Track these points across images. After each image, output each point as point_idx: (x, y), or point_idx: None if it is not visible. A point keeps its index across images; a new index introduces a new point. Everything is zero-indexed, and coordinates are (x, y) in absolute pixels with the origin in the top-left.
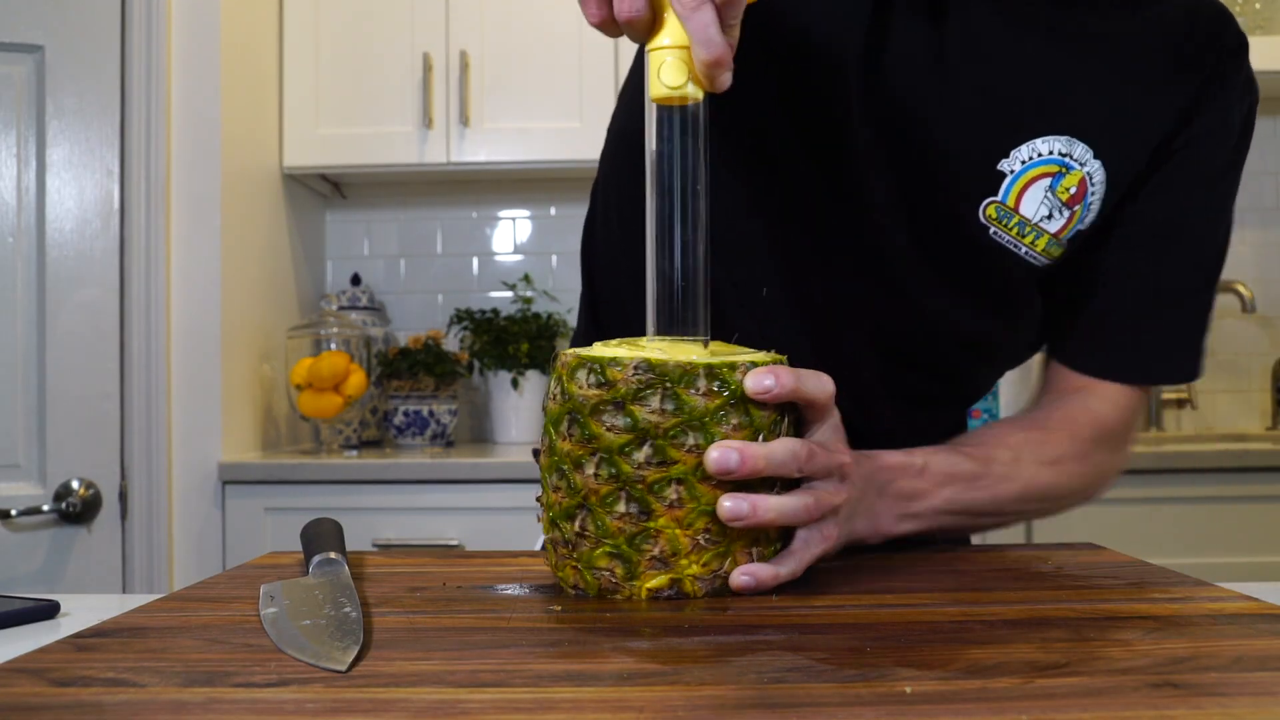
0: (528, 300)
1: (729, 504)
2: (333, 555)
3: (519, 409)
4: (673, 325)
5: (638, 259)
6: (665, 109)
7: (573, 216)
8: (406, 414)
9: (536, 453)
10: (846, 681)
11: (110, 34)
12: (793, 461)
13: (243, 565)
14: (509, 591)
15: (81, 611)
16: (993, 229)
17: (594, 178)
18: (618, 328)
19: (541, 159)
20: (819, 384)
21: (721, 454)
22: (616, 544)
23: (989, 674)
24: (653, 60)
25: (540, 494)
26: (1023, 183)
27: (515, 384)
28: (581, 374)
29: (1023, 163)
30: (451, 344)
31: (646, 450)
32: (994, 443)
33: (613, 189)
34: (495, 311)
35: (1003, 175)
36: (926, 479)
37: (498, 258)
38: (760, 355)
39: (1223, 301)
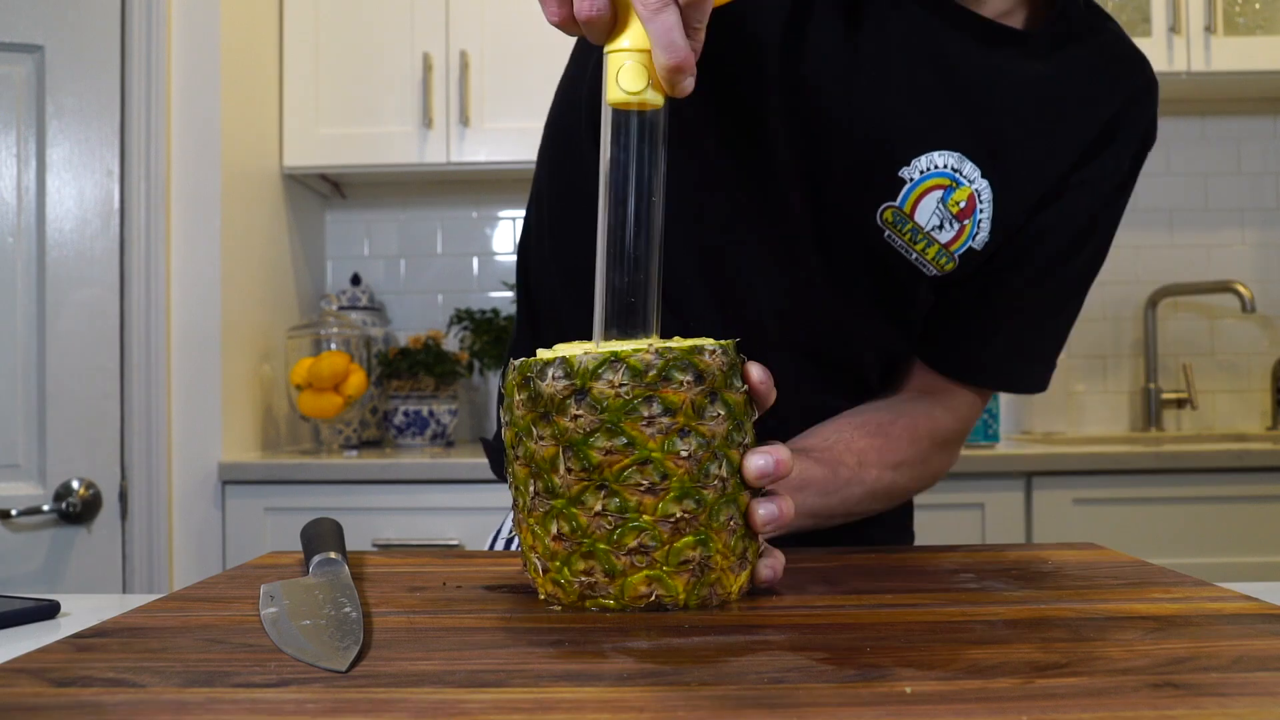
0: None
1: (762, 510)
2: (333, 555)
3: None
4: (622, 333)
5: (570, 265)
6: (622, 114)
7: None
8: (406, 414)
9: (485, 443)
10: (846, 681)
11: (110, 34)
12: (779, 468)
13: (243, 565)
14: (509, 592)
15: (81, 611)
16: (887, 232)
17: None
18: (554, 338)
19: None
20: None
21: (764, 460)
22: (593, 543)
23: (989, 674)
24: (611, 63)
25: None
26: (919, 191)
27: None
28: (550, 370)
29: (921, 172)
30: (451, 344)
31: (609, 438)
32: (841, 448)
33: (544, 191)
34: (495, 311)
35: (903, 182)
36: (783, 487)
37: (498, 258)
38: (709, 342)
39: (1223, 301)
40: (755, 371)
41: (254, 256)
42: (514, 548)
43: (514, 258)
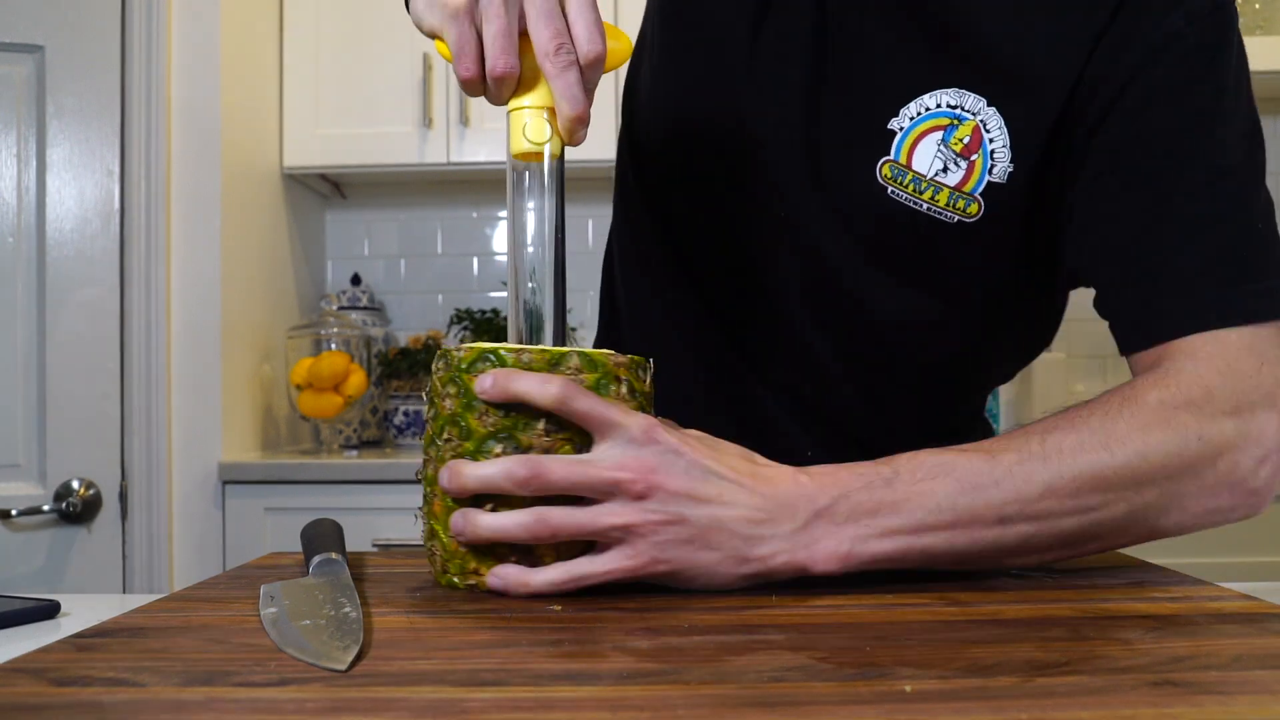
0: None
1: (454, 518)
2: (333, 555)
3: None
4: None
5: (660, 273)
6: (523, 165)
7: (573, 216)
8: (406, 414)
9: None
10: (846, 681)
11: (110, 34)
12: (505, 480)
13: (243, 565)
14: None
15: (81, 611)
16: (890, 189)
17: (592, 177)
18: (637, 339)
19: None
20: (530, 386)
21: (440, 473)
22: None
23: (989, 674)
24: (515, 119)
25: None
26: (913, 138)
27: None
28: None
29: (911, 119)
30: (451, 344)
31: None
32: (1013, 435)
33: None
34: (495, 311)
35: (893, 134)
36: (899, 487)
37: (498, 258)
38: (596, 352)
39: None
40: (476, 382)
41: (254, 256)
42: None
43: None
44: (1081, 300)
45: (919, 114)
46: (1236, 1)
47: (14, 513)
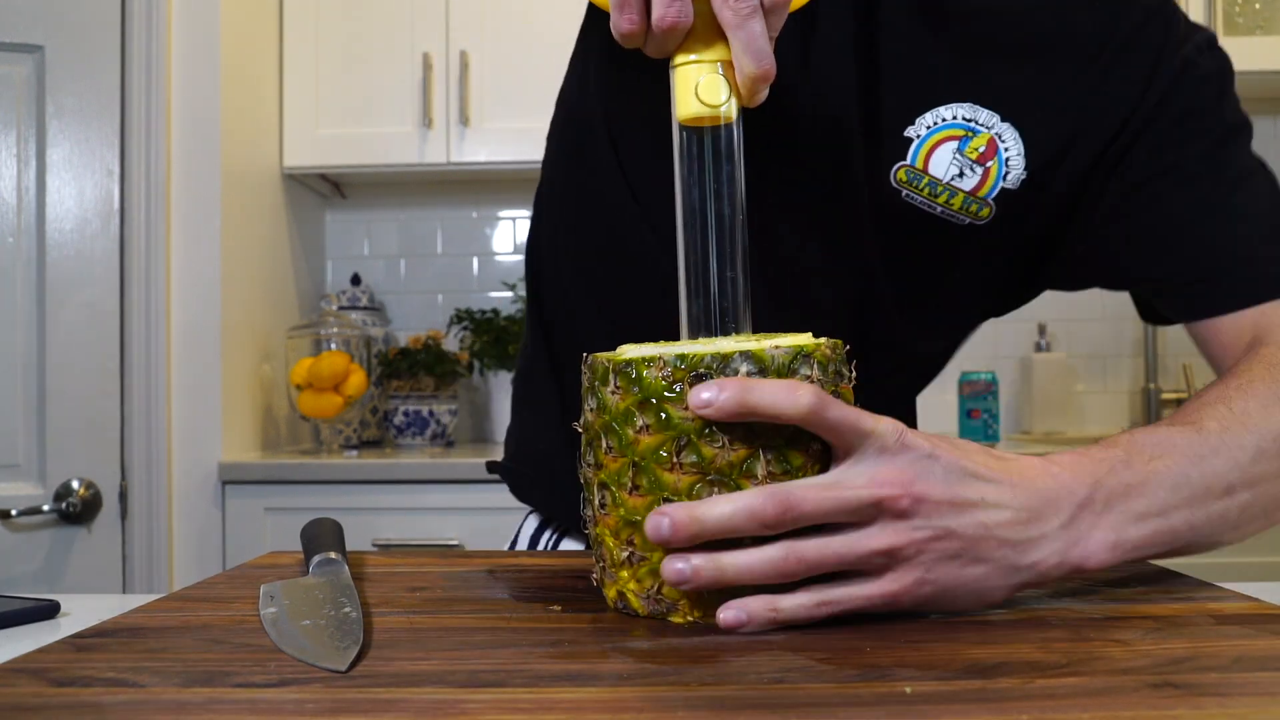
0: None
1: (670, 567)
2: (333, 555)
3: None
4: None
5: (586, 267)
6: (695, 131)
7: None
8: (406, 414)
9: (491, 465)
10: (846, 681)
11: (110, 34)
12: (746, 522)
13: (243, 565)
14: (509, 591)
15: (81, 611)
16: (905, 192)
17: None
18: (565, 341)
19: (541, 159)
20: (777, 397)
21: (653, 521)
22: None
23: (989, 674)
24: (685, 76)
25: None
26: (929, 145)
27: None
28: (649, 371)
29: (928, 128)
30: (451, 344)
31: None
32: (1190, 409)
33: (556, 193)
34: (495, 311)
35: (909, 141)
36: (1137, 467)
37: (498, 258)
38: (799, 339)
39: None
40: (691, 395)
41: (254, 256)
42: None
43: (514, 258)
44: (1082, 300)
45: (935, 124)
46: (1237, 2)
47: (14, 513)
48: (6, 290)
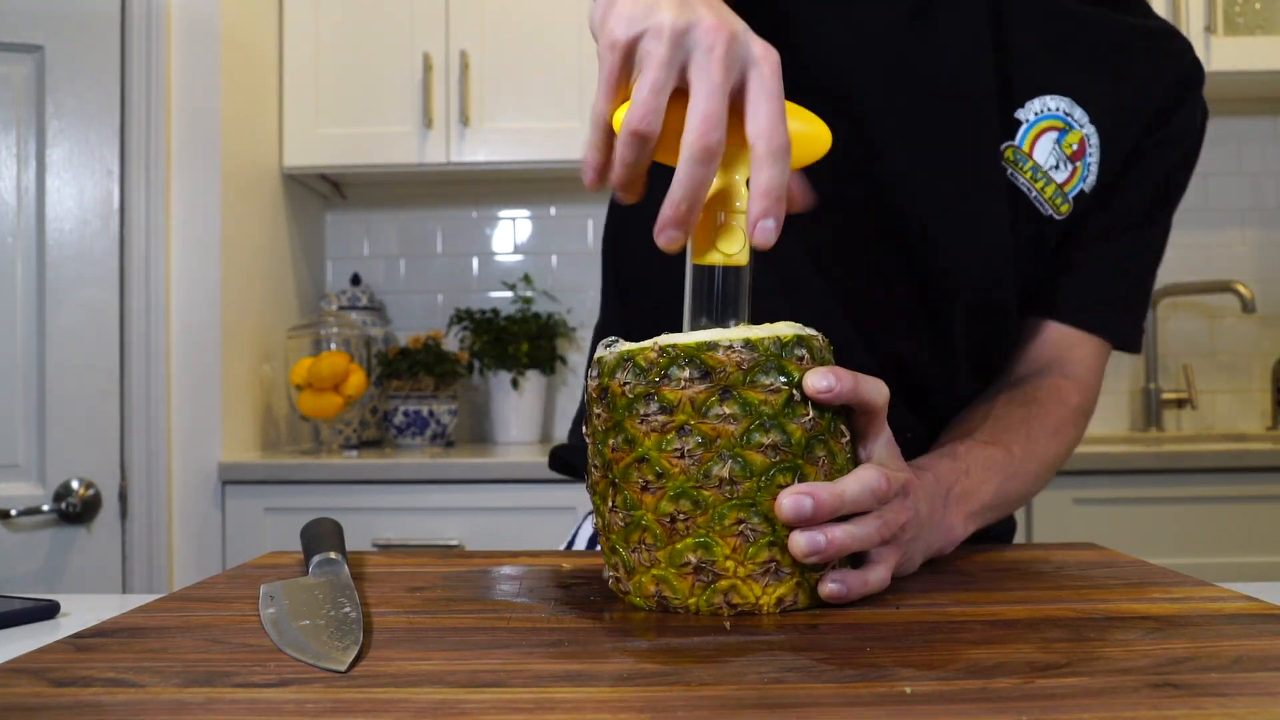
0: (528, 300)
1: (803, 540)
2: (333, 555)
3: (519, 409)
4: (712, 321)
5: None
6: (708, 270)
7: (573, 216)
8: (406, 414)
9: (554, 457)
10: (846, 681)
11: (110, 34)
12: (871, 499)
13: (243, 565)
14: (508, 591)
15: (81, 611)
16: (1010, 170)
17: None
18: (648, 315)
19: (541, 159)
20: (876, 389)
21: (794, 501)
22: (612, 540)
23: (989, 674)
24: (704, 221)
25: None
26: (1036, 131)
27: (515, 384)
28: (674, 369)
29: (1035, 114)
30: (451, 344)
31: (614, 436)
32: (1002, 428)
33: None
34: (495, 311)
35: (1019, 123)
36: (974, 477)
37: (498, 258)
38: (791, 328)
39: (1223, 301)
40: (812, 380)
41: (254, 256)
42: (596, 548)
43: (514, 257)
44: None
45: (1041, 111)
46: (1237, 2)
47: (14, 513)
48: (6, 290)
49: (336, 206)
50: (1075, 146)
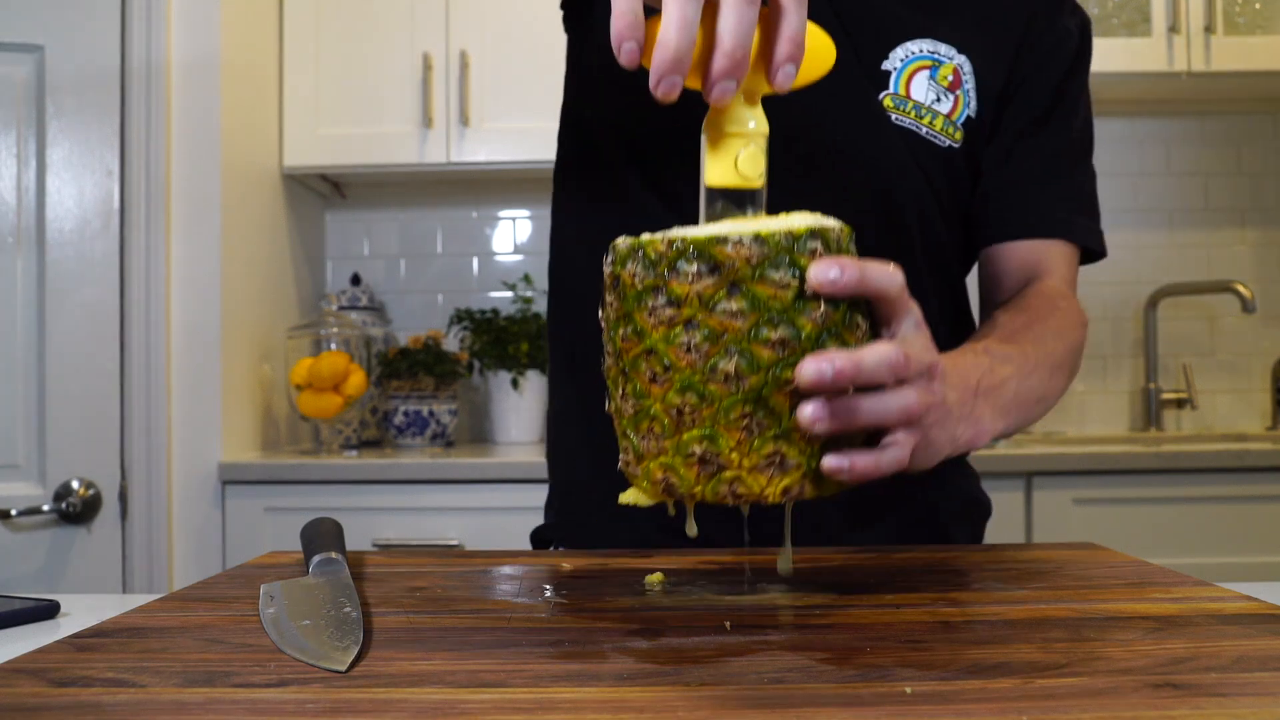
0: (528, 300)
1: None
2: (333, 555)
3: (519, 409)
4: (727, 209)
5: (598, 243)
6: (720, 193)
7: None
8: (406, 414)
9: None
10: (846, 681)
11: (110, 34)
12: (888, 372)
13: (243, 565)
14: (508, 591)
15: (81, 611)
16: (894, 115)
17: None
18: (585, 344)
19: (542, 159)
20: (887, 276)
21: (816, 365)
22: (623, 425)
23: (989, 674)
24: (727, 146)
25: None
26: (907, 74)
27: (515, 384)
28: (683, 263)
29: (902, 60)
30: (451, 344)
31: (624, 326)
32: (1008, 334)
33: (568, 174)
34: (495, 311)
35: (888, 73)
36: (998, 373)
37: (498, 258)
38: (809, 218)
39: (1223, 301)
40: (815, 271)
41: (254, 256)
42: None
43: (514, 258)
44: (1082, 299)
45: (906, 56)
46: (1237, 2)
47: (14, 513)
48: (6, 291)
49: (336, 206)
50: (950, 78)
